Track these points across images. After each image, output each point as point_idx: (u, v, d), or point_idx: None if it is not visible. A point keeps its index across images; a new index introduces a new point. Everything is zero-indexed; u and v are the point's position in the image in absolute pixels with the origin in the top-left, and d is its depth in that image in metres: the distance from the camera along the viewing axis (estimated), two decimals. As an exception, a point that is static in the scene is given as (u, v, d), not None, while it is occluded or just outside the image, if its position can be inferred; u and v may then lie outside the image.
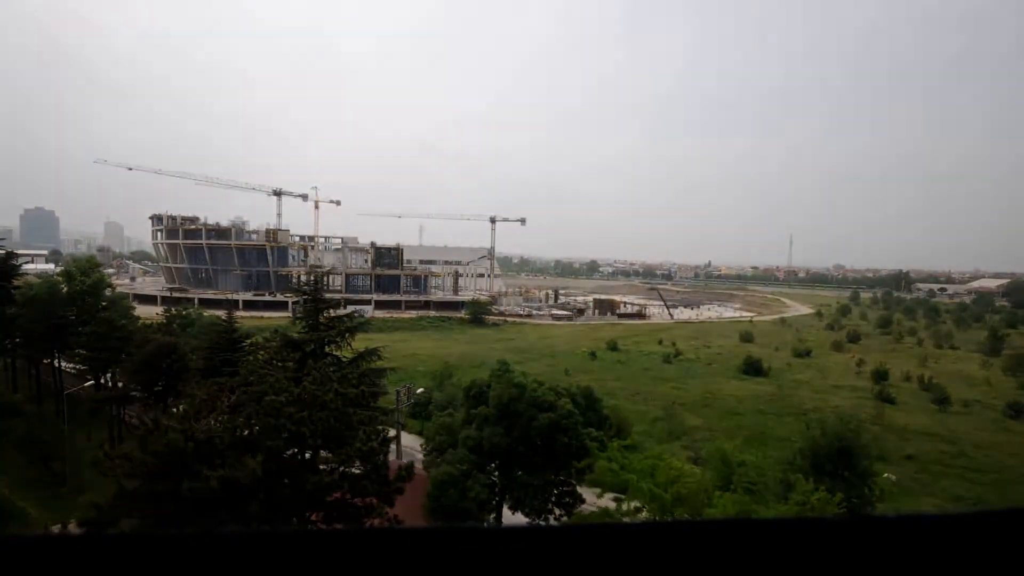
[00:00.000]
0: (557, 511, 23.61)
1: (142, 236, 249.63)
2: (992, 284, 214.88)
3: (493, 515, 23.38)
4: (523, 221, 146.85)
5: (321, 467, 15.46)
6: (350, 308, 35.16)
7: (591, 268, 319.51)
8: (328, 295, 30.78)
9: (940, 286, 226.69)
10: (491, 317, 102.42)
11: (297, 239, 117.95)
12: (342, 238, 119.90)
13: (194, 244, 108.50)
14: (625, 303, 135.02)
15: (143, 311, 58.14)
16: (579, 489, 24.02)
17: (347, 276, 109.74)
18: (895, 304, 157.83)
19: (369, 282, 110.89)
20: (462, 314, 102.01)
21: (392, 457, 22.16)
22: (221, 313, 41.38)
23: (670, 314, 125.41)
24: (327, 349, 26.32)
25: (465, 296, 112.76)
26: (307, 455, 15.78)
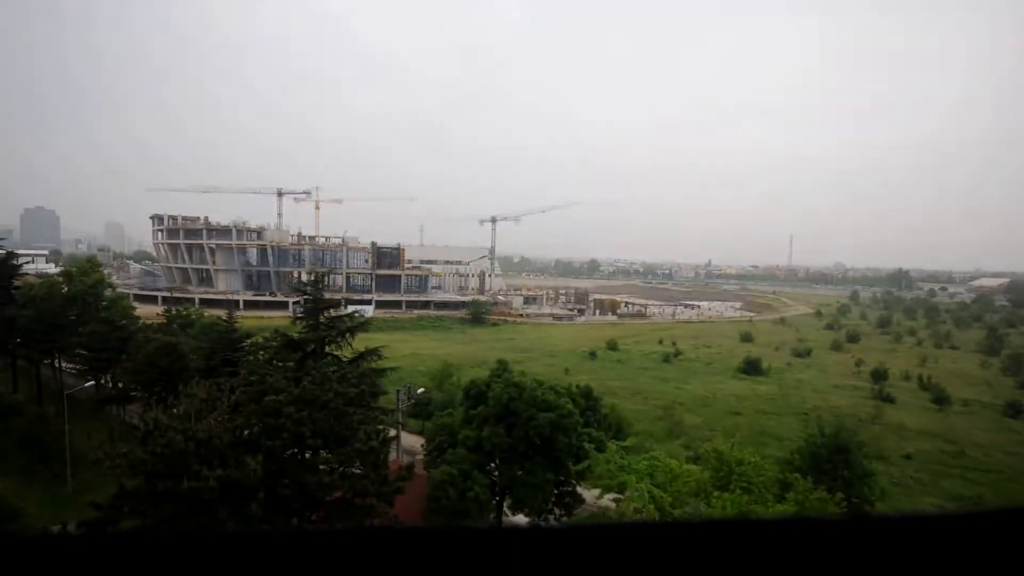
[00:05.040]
0: (557, 511, 23.62)
1: (142, 236, 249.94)
2: (992, 283, 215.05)
3: (493, 515, 23.38)
4: (517, 220, 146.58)
5: (321, 467, 15.46)
6: (350, 308, 35.13)
7: (591, 268, 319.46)
8: (328, 295, 30.78)
9: (940, 286, 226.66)
10: (491, 317, 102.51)
11: (297, 238, 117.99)
12: (343, 238, 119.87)
13: (195, 244, 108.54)
14: (626, 303, 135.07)
15: (143, 311, 58.11)
16: (579, 489, 24.04)
17: (347, 276, 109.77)
18: (895, 304, 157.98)
19: (370, 282, 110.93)
20: (462, 314, 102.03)
21: (392, 457, 22.15)
22: (221, 313, 41.37)
23: (672, 314, 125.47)
24: (327, 349, 26.31)
25: (466, 296, 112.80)
26: (307, 455, 15.78)
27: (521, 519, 23.05)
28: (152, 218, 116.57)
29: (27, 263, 71.37)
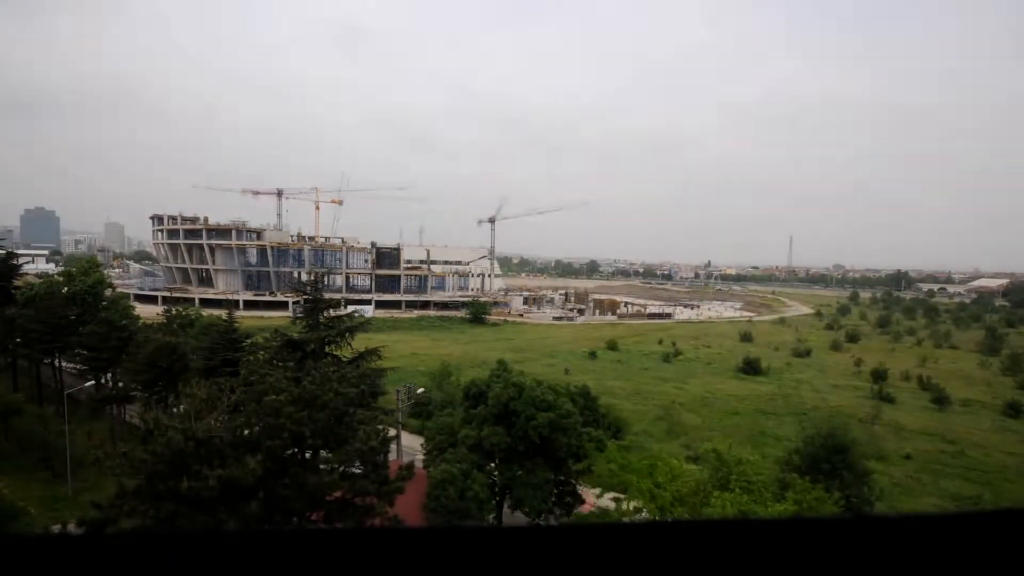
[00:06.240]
0: (557, 511, 23.62)
1: (142, 236, 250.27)
2: (992, 284, 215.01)
3: (493, 515, 23.38)
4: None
5: (321, 467, 15.45)
6: (350, 308, 35.14)
7: (591, 268, 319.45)
8: (328, 295, 30.79)
9: (940, 286, 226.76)
10: (491, 317, 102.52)
11: (297, 238, 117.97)
12: (343, 238, 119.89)
13: (195, 244, 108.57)
14: (626, 303, 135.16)
15: (143, 311, 58.13)
16: (579, 489, 24.03)
17: (347, 276, 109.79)
18: (894, 304, 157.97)
19: (369, 282, 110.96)
20: (462, 314, 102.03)
21: (392, 457, 22.14)
22: (221, 313, 41.39)
23: (668, 314, 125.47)
24: (327, 349, 26.33)
25: (466, 296, 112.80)
26: (307, 455, 15.78)
27: (521, 519, 23.05)
28: (152, 218, 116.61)
29: (27, 263, 71.48)
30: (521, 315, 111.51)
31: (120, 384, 34.66)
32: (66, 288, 48.36)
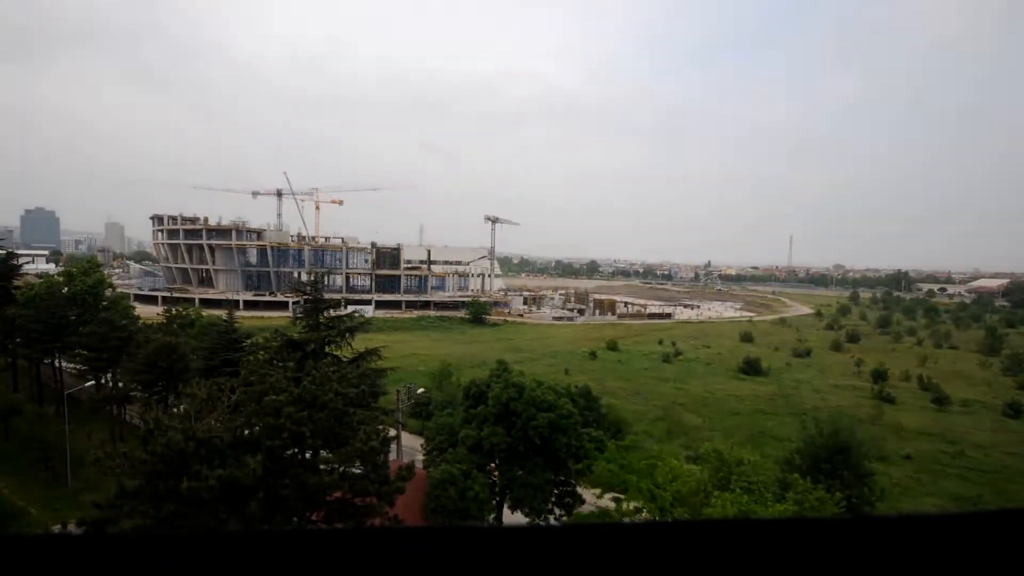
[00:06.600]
0: (557, 511, 23.63)
1: (143, 236, 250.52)
2: (992, 284, 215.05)
3: (493, 515, 23.38)
4: (516, 224, 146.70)
5: (321, 467, 15.46)
6: (350, 308, 35.12)
7: (591, 268, 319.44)
8: (328, 295, 30.80)
9: (940, 286, 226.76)
10: (491, 317, 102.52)
11: (297, 239, 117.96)
12: (343, 238, 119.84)
13: (195, 244, 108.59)
14: (626, 303, 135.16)
15: (143, 311, 58.10)
16: (579, 489, 24.03)
17: (347, 276, 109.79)
18: (895, 304, 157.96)
19: (369, 282, 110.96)
20: (462, 314, 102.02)
21: (392, 457, 22.15)
22: (222, 313, 41.42)
23: (668, 314, 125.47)
24: (327, 349, 26.33)
25: (466, 296, 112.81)
26: (307, 455, 15.78)
27: (521, 519, 23.05)
28: (152, 218, 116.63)
29: (27, 263, 71.47)
30: (521, 315, 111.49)
31: (120, 384, 34.65)
32: (66, 288, 48.35)
